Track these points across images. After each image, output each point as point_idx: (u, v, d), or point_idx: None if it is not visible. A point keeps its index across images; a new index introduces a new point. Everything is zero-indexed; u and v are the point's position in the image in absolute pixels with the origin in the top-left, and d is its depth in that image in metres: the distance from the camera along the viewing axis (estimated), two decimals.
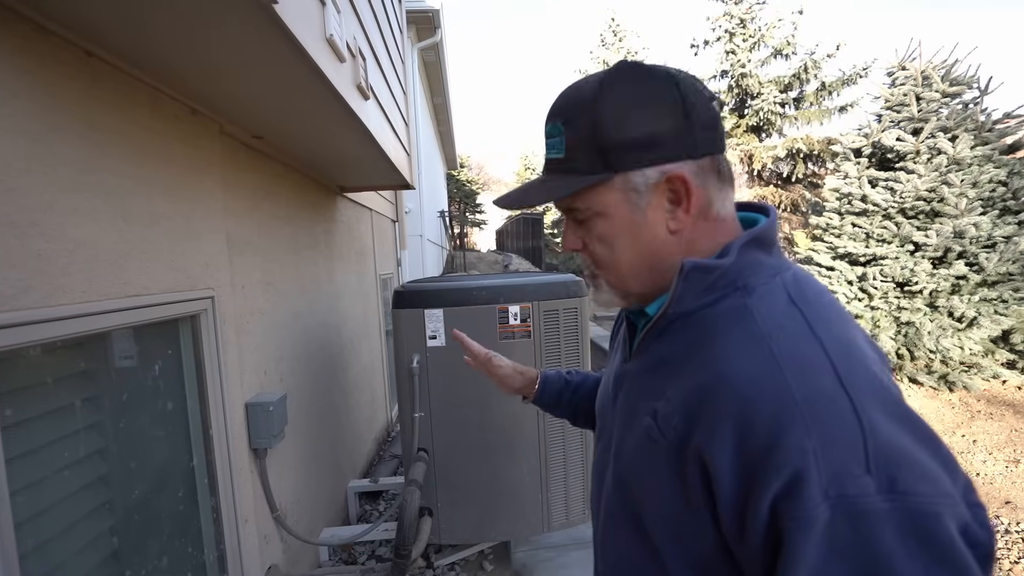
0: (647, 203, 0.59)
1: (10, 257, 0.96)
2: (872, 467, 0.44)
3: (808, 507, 0.44)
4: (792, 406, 0.47)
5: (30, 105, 1.03)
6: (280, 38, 1.15)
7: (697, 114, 0.58)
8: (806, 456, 0.45)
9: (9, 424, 0.96)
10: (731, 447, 0.49)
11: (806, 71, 10.14)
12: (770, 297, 0.56)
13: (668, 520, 0.57)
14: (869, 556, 0.43)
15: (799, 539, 0.44)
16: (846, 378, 0.48)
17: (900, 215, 4.94)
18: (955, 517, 0.43)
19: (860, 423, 0.45)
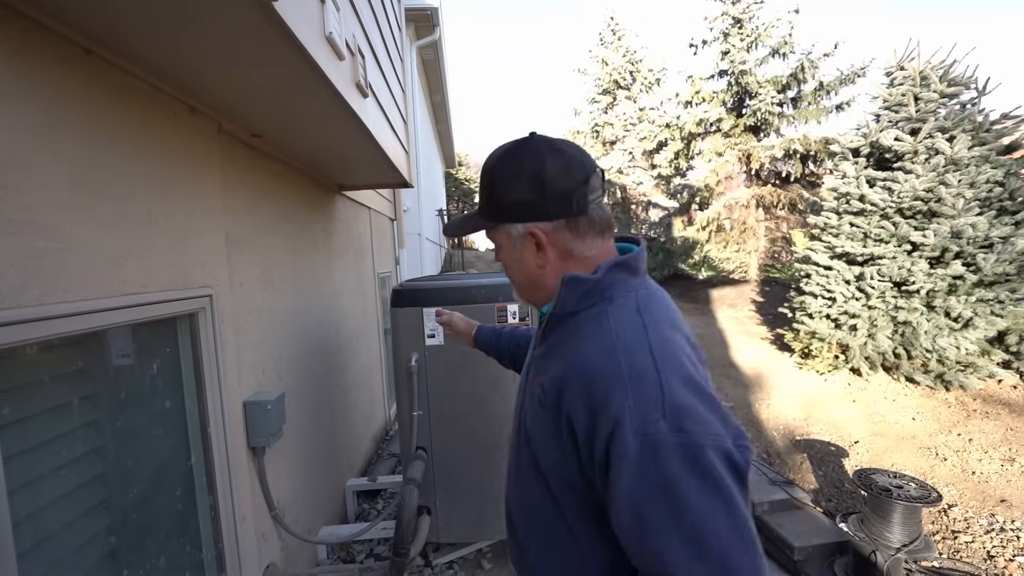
0: (522, 246, 0.87)
1: (7, 255, 0.96)
2: (666, 416, 0.68)
3: (625, 443, 0.68)
4: (620, 378, 0.71)
5: (28, 103, 1.03)
6: (279, 36, 1.15)
7: (552, 189, 0.82)
8: (624, 410, 0.69)
9: (7, 423, 0.96)
10: (583, 406, 0.73)
11: (803, 71, 10.14)
12: (624, 307, 0.80)
13: (553, 460, 0.81)
14: (662, 473, 0.67)
15: (619, 465, 0.69)
16: (659, 362, 0.72)
17: (898, 215, 4.95)
18: (717, 448, 0.68)
19: (662, 389, 0.70)
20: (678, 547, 0.66)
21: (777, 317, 7.29)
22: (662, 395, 0.69)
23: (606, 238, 0.87)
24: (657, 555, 0.68)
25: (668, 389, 0.70)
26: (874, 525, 2.43)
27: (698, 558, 0.65)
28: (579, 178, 0.83)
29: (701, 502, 0.66)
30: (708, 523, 0.66)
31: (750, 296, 9.81)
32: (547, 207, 0.82)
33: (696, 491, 0.66)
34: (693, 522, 0.66)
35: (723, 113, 10.93)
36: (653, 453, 0.67)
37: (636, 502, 0.68)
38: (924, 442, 3.82)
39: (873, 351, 4.91)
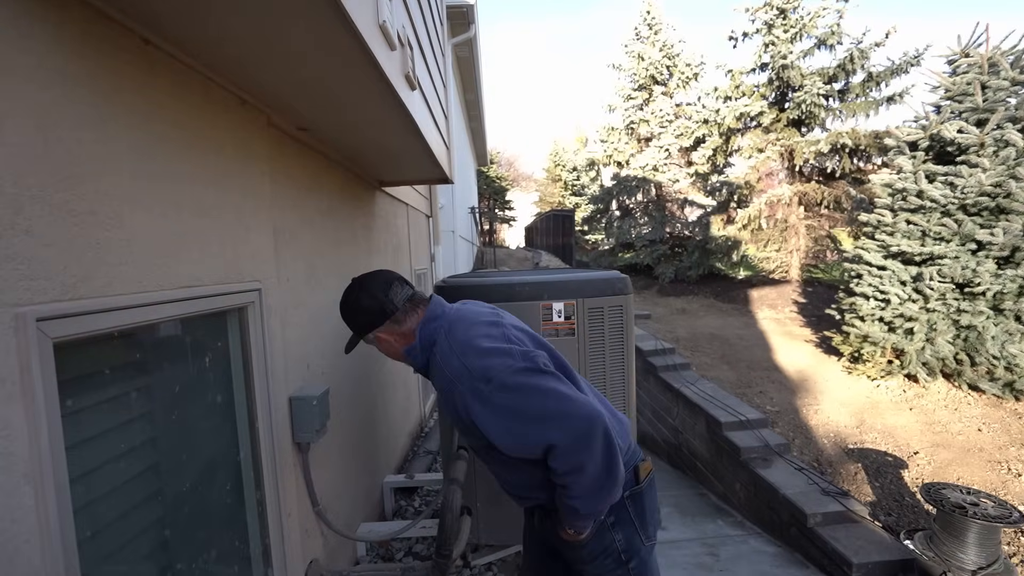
0: (383, 339, 1.37)
1: (72, 245, 0.95)
2: (477, 378, 1.16)
3: (471, 406, 1.17)
4: (450, 379, 1.21)
5: (91, 91, 1.02)
6: (336, 22, 1.11)
7: (386, 299, 1.33)
8: (463, 391, 1.18)
9: (69, 412, 0.95)
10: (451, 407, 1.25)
11: (852, 61, 9.65)
12: (440, 343, 1.27)
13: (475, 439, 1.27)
14: (499, 405, 1.15)
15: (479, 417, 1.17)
16: (461, 357, 1.21)
17: (961, 212, 4.63)
18: (514, 372, 1.16)
19: (468, 370, 1.18)
20: (535, 428, 1.13)
21: (822, 319, 6.98)
22: (469, 373, 1.18)
23: (418, 309, 1.35)
24: (531, 441, 1.14)
25: (471, 367, 1.18)
26: (945, 544, 2.26)
27: (545, 423, 1.12)
28: (380, 293, 1.33)
29: (523, 402, 1.14)
30: (533, 407, 1.13)
31: (791, 297, 9.44)
32: (385, 310, 1.32)
33: (517, 400, 1.14)
34: (529, 412, 1.13)
35: (764, 107, 10.55)
36: (486, 399, 1.15)
37: (499, 428, 1.15)
38: (993, 455, 3.55)
39: (932, 356, 4.62)
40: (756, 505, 3.49)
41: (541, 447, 1.11)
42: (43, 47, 0.91)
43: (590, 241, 18.98)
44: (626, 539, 1.34)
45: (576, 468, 1.12)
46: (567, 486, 1.16)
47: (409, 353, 1.32)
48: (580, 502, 1.17)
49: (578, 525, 1.26)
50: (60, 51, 0.94)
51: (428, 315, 1.32)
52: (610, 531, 1.33)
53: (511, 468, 1.31)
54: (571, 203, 23.74)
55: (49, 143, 0.92)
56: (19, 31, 0.86)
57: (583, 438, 1.10)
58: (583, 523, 1.26)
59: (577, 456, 1.11)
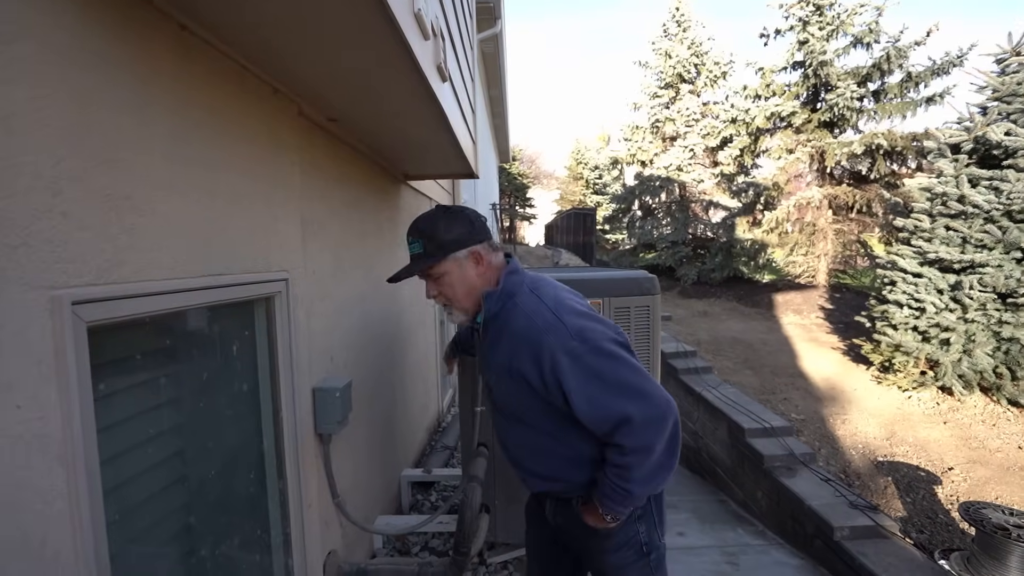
0: (467, 264, 1.27)
1: (107, 230, 0.94)
2: (573, 336, 1.15)
3: (561, 363, 1.14)
4: (542, 331, 1.17)
5: (130, 76, 1.01)
6: (374, 8, 1.09)
7: (478, 226, 1.29)
8: (551, 345, 1.15)
9: (100, 396, 0.95)
10: (528, 361, 1.18)
11: (889, 61, 9.32)
12: (523, 296, 1.25)
13: (525, 406, 1.26)
14: (587, 366, 1.14)
15: (565, 377, 1.14)
16: (555, 311, 1.19)
17: (1006, 218, 4.43)
18: (607, 339, 1.17)
19: (564, 325, 1.17)
20: (617, 399, 1.13)
21: (850, 326, 6.78)
22: (566, 328, 1.16)
23: (499, 252, 1.33)
24: (609, 412, 1.13)
25: (567, 323, 1.17)
26: (984, 567, 2.16)
27: (628, 397, 1.13)
28: (480, 219, 1.32)
29: (613, 370, 1.15)
30: (621, 377, 1.14)
31: (818, 302, 9.20)
32: (476, 236, 1.28)
33: (608, 366, 1.15)
34: (616, 381, 1.14)
35: (796, 107, 10.28)
36: (577, 359, 1.14)
37: (583, 391, 1.14)
38: None
39: (969, 369, 4.44)
40: (779, 515, 3.40)
41: (615, 419, 1.12)
42: (85, 29, 0.90)
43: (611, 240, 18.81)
44: (647, 532, 1.36)
45: (644, 448, 1.13)
46: (629, 466, 1.15)
47: (488, 296, 1.26)
48: (636, 485, 1.17)
49: (620, 510, 1.24)
50: (102, 34, 0.94)
51: (512, 267, 1.29)
52: (635, 523, 1.34)
53: (548, 447, 1.29)
54: (592, 202, 23.56)
55: (90, 126, 0.91)
56: (58, 12, 0.86)
57: (659, 419, 1.13)
58: (626, 508, 1.24)
59: (648, 436, 1.12)
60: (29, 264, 0.79)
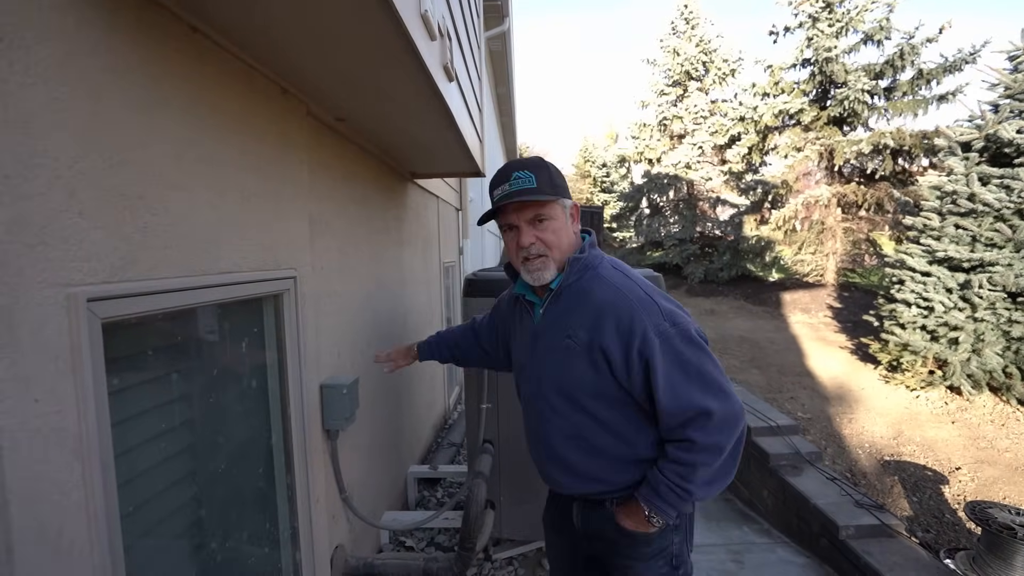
0: (567, 216, 1.24)
1: (121, 228, 0.97)
2: (664, 318, 1.12)
3: (652, 343, 1.10)
4: (633, 306, 1.13)
5: (142, 77, 1.04)
6: (380, 10, 1.10)
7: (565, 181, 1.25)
8: (644, 322, 1.11)
9: (115, 390, 0.98)
10: (613, 334, 1.12)
11: (901, 57, 9.23)
12: (605, 268, 1.22)
13: (591, 387, 1.18)
14: (676, 351, 1.11)
15: (654, 357, 1.10)
16: (646, 290, 1.16)
17: (1016, 217, 4.39)
18: (694, 329, 1.14)
19: (657, 305, 1.13)
20: (699, 391, 1.10)
21: (858, 325, 6.74)
22: (658, 308, 1.13)
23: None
24: (690, 403, 1.09)
25: (660, 304, 1.14)
26: (991, 567, 2.15)
27: (711, 391, 1.10)
28: None
29: (700, 361, 1.12)
30: (706, 369, 1.12)
31: (826, 301, 9.14)
32: (568, 192, 1.24)
33: (695, 356, 1.12)
34: (701, 372, 1.11)
35: (804, 104, 10.21)
36: (667, 341, 1.10)
37: (669, 376, 1.10)
38: None
39: (978, 368, 4.41)
40: (784, 513, 3.40)
41: (693, 412, 1.08)
42: (100, 32, 0.92)
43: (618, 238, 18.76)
44: (680, 545, 1.30)
45: (715, 447, 1.10)
46: (695, 464, 1.11)
47: (573, 261, 1.19)
48: (697, 486, 1.12)
49: (670, 512, 1.17)
50: (116, 37, 0.96)
51: (592, 239, 1.26)
52: (672, 532, 1.28)
53: (601, 442, 1.20)
54: (600, 200, 23.49)
55: (104, 128, 0.93)
56: (76, 17, 0.88)
57: (735, 420, 1.11)
58: (677, 511, 1.18)
59: (722, 435, 1.10)
60: (47, 262, 0.81)
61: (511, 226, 1.22)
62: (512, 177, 1.17)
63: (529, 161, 1.20)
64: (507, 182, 1.17)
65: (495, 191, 1.21)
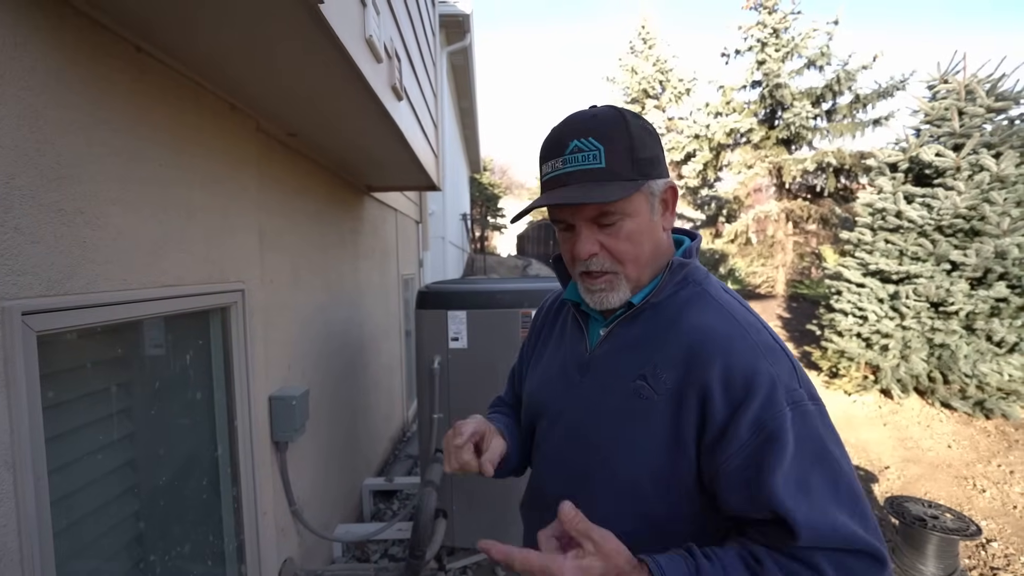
0: (657, 206, 0.77)
1: (59, 243, 0.99)
2: (801, 384, 0.69)
3: (781, 409, 0.66)
4: (757, 349, 0.70)
5: (84, 96, 1.06)
6: (322, 37, 1.17)
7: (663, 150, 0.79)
8: (773, 378, 0.67)
9: (50, 405, 0.99)
10: (719, 379, 0.68)
11: (839, 83, 9.90)
12: (713, 287, 0.79)
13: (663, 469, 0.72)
14: (814, 436, 0.67)
15: (779, 431, 0.65)
16: (773, 335, 0.74)
17: (937, 232, 4.78)
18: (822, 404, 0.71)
19: (790, 360, 0.71)
20: (847, 513, 0.64)
21: (804, 334, 7.10)
22: (793, 366, 0.71)
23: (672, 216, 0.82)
24: (832, 524, 0.63)
25: (794, 362, 0.72)
26: (906, 556, 2.33)
27: (865, 520, 0.65)
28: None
29: (844, 464, 0.68)
30: (852, 481, 0.67)
31: (776, 312, 9.58)
32: (665, 166, 0.78)
33: (838, 455, 0.68)
34: (851, 484, 0.67)
35: (754, 124, 10.76)
36: (803, 419, 0.67)
37: (800, 471, 0.65)
38: (961, 471, 3.65)
39: (906, 373, 4.74)
40: None
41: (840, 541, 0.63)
42: (38, 52, 0.95)
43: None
44: None
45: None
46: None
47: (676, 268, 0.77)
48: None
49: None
50: (54, 57, 0.99)
51: (693, 247, 0.82)
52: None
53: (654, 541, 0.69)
54: None
55: (41, 145, 0.96)
56: (16, 38, 0.91)
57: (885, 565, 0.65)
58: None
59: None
60: None
61: (565, 224, 0.78)
62: (568, 150, 0.73)
63: (599, 118, 0.74)
64: (560, 157, 0.74)
65: (543, 167, 0.77)
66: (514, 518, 0.98)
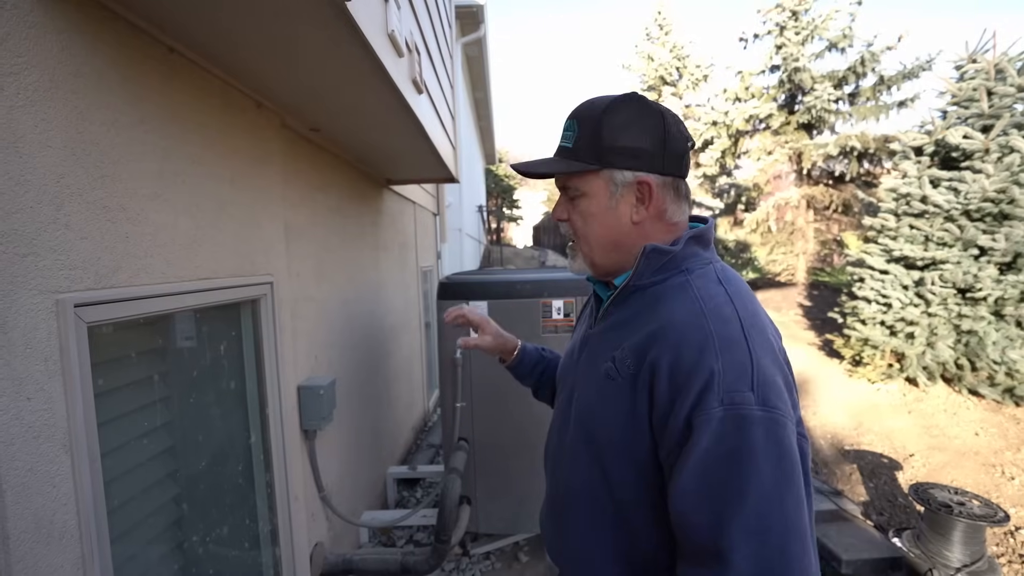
0: (620, 196, 0.81)
1: (104, 238, 1.04)
2: (754, 388, 0.66)
3: (709, 410, 0.65)
4: (710, 341, 0.69)
5: (122, 97, 1.11)
6: (348, 33, 1.19)
7: (671, 145, 0.81)
8: (713, 375, 0.66)
9: (99, 392, 1.04)
10: (667, 370, 0.70)
11: (863, 64, 9.62)
12: (704, 277, 0.79)
13: (617, 436, 0.77)
14: (741, 445, 0.64)
15: (700, 430, 0.65)
16: (748, 332, 0.70)
17: (964, 217, 4.65)
18: (792, 432, 0.67)
19: (751, 359, 0.68)
20: (738, 528, 0.62)
21: (825, 322, 6.99)
22: (751, 366, 0.67)
23: (684, 207, 0.85)
24: (715, 528, 0.63)
25: (757, 361, 0.68)
26: (932, 543, 2.31)
27: (752, 535, 0.62)
28: (687, 143, 0.84)
29: (772, 485, 0.63)
30: (774, 508, 0.62)
31: (797, 300, 9.44)
32: (663, 161, 0.80)
33: (770, 473, 0.63)
34: (759, 504, 0.62)
35: (774, 110, 10.54)
36: (736, 423, 0.64)
37: (706, 469, 0.64)
38: (988, 459, 3.59)
39: (932, 361, 4.65)
40: None
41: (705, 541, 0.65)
42: (83, 56, 1.00)
43: None
44: None
45: None
46: None
47: (651, 254, 0.79)
48: None
49: None
50: (97, 59, 1.03)
51: (700, 233, 0.82)
52: None
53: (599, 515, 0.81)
54: None
55: (87, 145, 1.01)
56: (63, 42, 0.95)
57: None
58: None
59: None
60: (36, 271, 0.88)
61: None
62: (564, 127, 0.85)
63: (583, 107, 0.84)
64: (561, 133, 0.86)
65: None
66: (536, 506, 1.05)
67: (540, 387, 1.24)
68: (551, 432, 0.98)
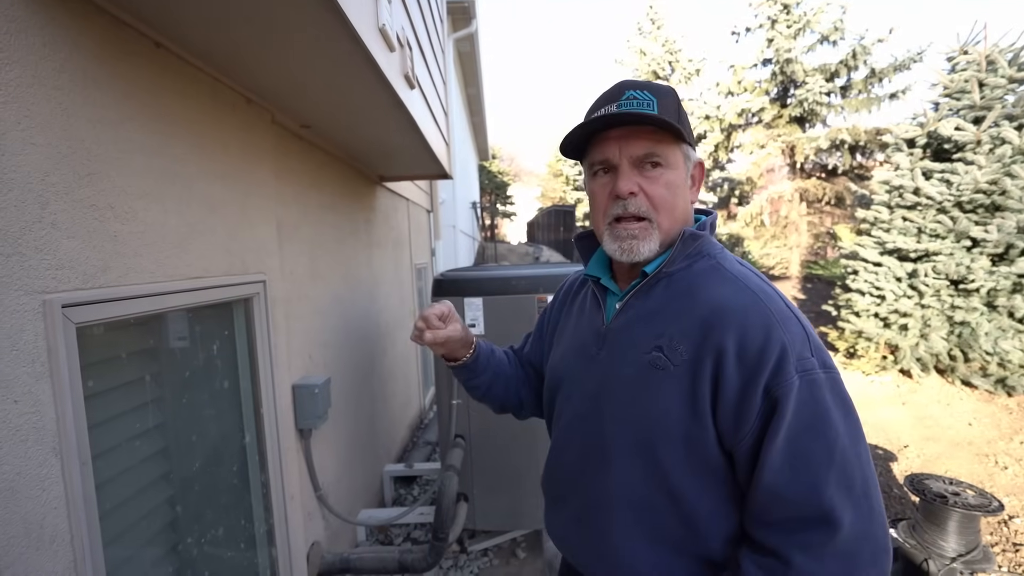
0: (687, 173, 0.84)
1: (92, 238, 1.02)
2: (813, 352, 0.71)
3: (789, 378, 0.68)
4: (771, 317, 0.72)
5: (109, 94, 1.09)
6: (338, 27, 1.18)
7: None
8: (784, 347, 0.69)
9: (91, 394, 1.03)
10: (735, 348, 0.71)
11: (854, 57, 9.65)
12: (728, 260, 0.82)
13: (680, 434, 0.74)
14: (818, 409, 0.68)
15: (783, 401, 0.68)
16: (788, 304, 0.76)
17: (956, 209, 4.68)
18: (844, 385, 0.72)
19: (804, 328, 0.73)
20: (834, 483, 0.66)
21: (819, 315, 7.03)
22: (806, 334, 0.72)
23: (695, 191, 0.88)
24: (813, 491, 0.66)
25: (806, 328, 0.73)
26: (927, 533, 2.33)
27: (849, 492, 0.66)
28: None
29: (849, 440, 0.68)
30: (855, 461, 0.68)
31: (790, 293, 9.48)
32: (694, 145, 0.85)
33: (847, 425, 0.69)
34: (845, 456, 0.67)
35: (766, 103, 10.56)
36: (811, 389, 0.68)
37: (796, 437, 0.67)
38: (982, 449, 3.62)
39: (926, 352, 4.69)
40: None
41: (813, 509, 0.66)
42: (66, 51, 0.98)
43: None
44: None
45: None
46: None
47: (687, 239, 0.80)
48: None
49: None
50: (81, 55, 1.01)
51: (713, 220, 0.87)
52: None
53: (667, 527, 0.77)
54: (573, 198, 23.75)
55: (73, 143, 0.98)
56: (44, 38, 0.93)
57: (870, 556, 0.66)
58: None
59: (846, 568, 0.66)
60: (22, 271, 0.86)
61: (606, 165, 0.82)
62: (623, 96, 0.79)
63: (653, 83, 0.81)
64: (615, 102, 0.79)
65: (594, 115, 0.81)
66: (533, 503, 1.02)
67: (493, 384, 1.10)
68: (566, 435, 0.90)
